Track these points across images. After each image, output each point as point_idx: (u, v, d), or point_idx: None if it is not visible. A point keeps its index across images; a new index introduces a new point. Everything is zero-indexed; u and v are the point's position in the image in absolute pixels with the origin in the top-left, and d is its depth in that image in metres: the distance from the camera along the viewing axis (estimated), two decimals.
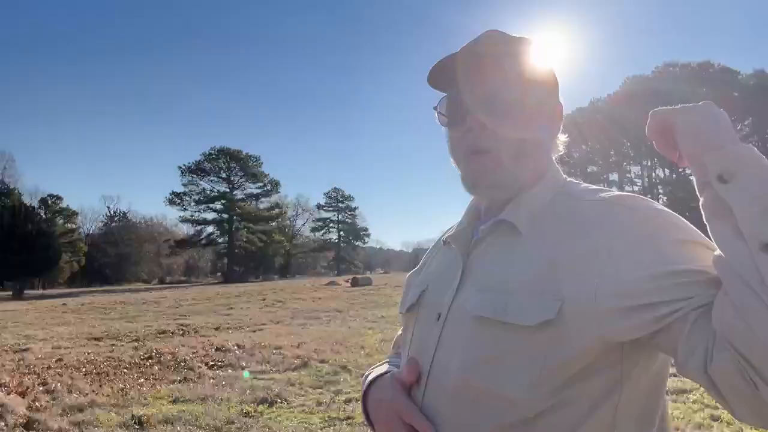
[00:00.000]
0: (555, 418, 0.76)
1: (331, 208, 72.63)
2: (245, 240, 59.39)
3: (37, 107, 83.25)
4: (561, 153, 0.97)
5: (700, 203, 0.73)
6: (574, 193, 0.88)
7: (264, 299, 20.11)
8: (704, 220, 0.73)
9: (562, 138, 0.96)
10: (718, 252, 0.70)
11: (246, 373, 6.82)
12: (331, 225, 74.02)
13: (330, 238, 74.55)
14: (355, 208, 74.95)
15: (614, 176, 60.54)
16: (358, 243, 76.77)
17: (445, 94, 0.94)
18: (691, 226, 0.79)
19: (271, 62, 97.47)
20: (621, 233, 0.76)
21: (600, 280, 0.74)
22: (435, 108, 0.94)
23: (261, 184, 62.32)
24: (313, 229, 73.50)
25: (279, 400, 5.40)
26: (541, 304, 0.76)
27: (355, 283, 28.70)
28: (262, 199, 63.20)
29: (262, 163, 61.87)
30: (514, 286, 0.80)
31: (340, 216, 73.93)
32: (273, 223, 62.76)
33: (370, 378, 0.98)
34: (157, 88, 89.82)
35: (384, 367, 1.00)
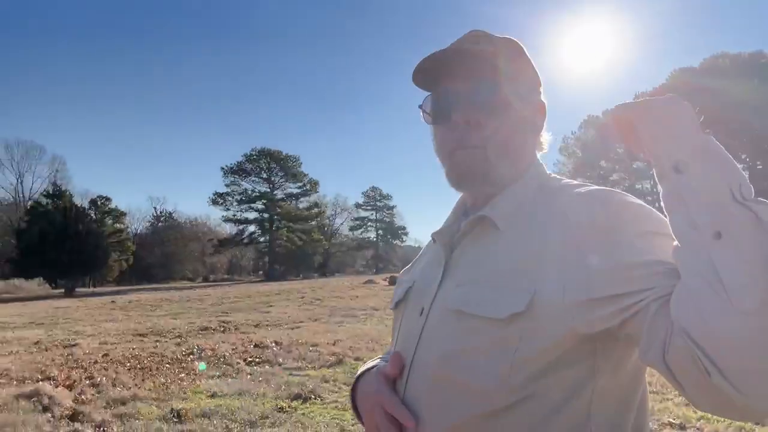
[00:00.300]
0: (528, 408, 0.77)
1: (369, 207, 72.98)
2: (285, 239, 60.30)
3: (86, 112, 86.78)
4: (545, 151, 0.99)
5: (660, 195, 0.73)
6: (554, 188, 0.90)
7: (303, 297, 20.38)
8: (665, 211, 0.73)
9: (546, 136, 0.98)
10: (676, 242, 0.70)
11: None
12: (369, 224, 74.34)
13: (368, 237, 74.92)
14: (393, 207, 75.06)
15: None
16: (396, 242, 76.85)
17: (429, 93, 0.95)
18: (662, 217, 0.77)
19: (310, 64, 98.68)
20: (590, 226, 0.78)
21: (568, 272, 0.76)
22: (420, 107, 0.96)
23: (300, 184, 63.18)
24: (352, 228, 74.02)
25: (313, 397, 5.46)
26: (512, 297, 0.78)
27: (392, 281, 28.77)
28: (302, 199, 64.10)
29: (301, 163, 62.73)
30: (489, 280, 0.82)
31: (378, 215, 74.17)
32: (312, 222, 63.51)
33: (359, 372, 1.01)
34: (200, 91, 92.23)
35: (374, 362, 1.02)
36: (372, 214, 72.77)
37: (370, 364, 1.02)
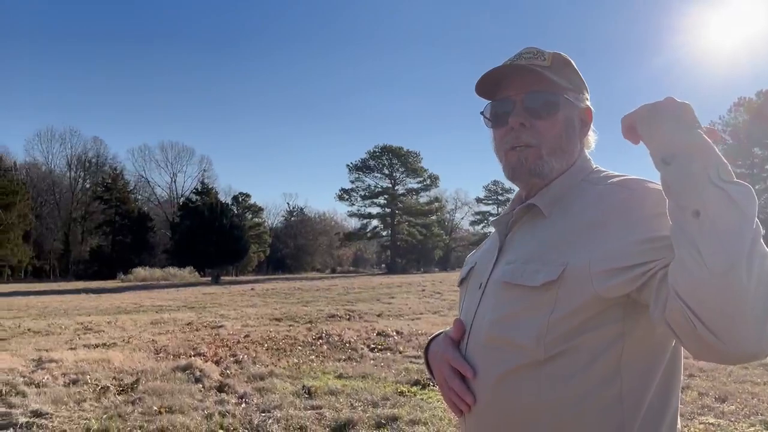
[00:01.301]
0: (562, 362, 0.94)
1: (490, 201, 71.53)
2: (406, 233, 61.31)
3: (229, 116, 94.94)
4: (592, 148, 1.14)
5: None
6: (594, 179, 1.06)
7: (423, 290, 20.71)
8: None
9: (593, 136, 1.14)
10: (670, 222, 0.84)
11: None
12: (490, 218, 72.91)
13: (489, 232, 73.28)
14: None
15: None
16: None
17: (489, 101, 1.12)
18: None
19: (429, 60, 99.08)
20: (615, 209, 0.94)
21: (594, 247, 0.92)
22: (481, 113, 1.13)
23: (421, 179, 63.76)
24: (472, 223, 73.17)
25: (431, 384, 5.64)
26: (548, 269, 0.95)
27: None
28: (422, 194, 64.62)
29: (422, 158, 63.25)
30: (532, 257, 1.00)
31: (499, 209, 72.52)
32: (432, 217, 63.84)
33: (430, 337, 1.21)
34: (328, 92, 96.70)
35: (443, 330, 1.21)
36: (493, 208, 71.27)
37: (439, 330, 1.21)
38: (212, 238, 40.99)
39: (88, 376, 6.03)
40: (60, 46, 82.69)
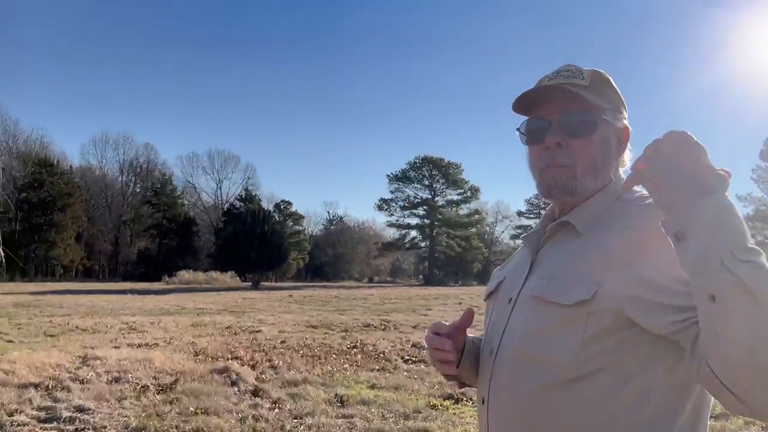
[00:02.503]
0: (593, 382, 0.93)
1: (532, 215, 70.31)
2: (445, 245, 60.95)
3: (274, 124, 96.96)
4: (626, 167, 1.12)
5: None
6: (629, 200, 1.05)
7: (460, 303, 20.50)
8: None
9: (628, 155, 1.13)
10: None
11: None
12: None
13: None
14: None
15: None
16: None
17: (526, 118, 1.11)
18: None
19: (472, 71, 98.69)
20: (653, 234, 0.90)
21: (632, 270, 0.91)
22: (518, 129, 1.13)
23: (461, 191, 63.36)
24: (513, 237, 71.99)
25: (464, 399, 5.57)
26: (582, 288, 0.95)
27: None
28: (462, 206, 64.15)
29: (462, 170, 62.89)
30: (566, 274, 1.00)
31: None
32: (472, 230, 63.26)
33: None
34: (369, 102, 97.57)
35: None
36: (535, 222, 69.85)
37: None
38: (254, 243, 41.82)
39: (130, 375, 6.22)
40: (123, 52, 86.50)
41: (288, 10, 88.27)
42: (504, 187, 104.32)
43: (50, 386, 5.58)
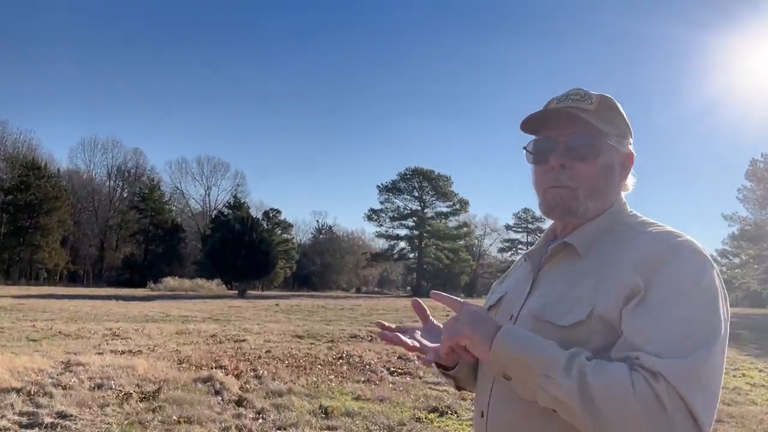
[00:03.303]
0: None
1: (520, 229, 70.71)
2: (433, 256, 61.05)
3: (262, 132, 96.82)
4: (629, 191, 1.17)
5: None
6: (630, 224, 1.10)
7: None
8: None
9: (631, 179, 1.17)
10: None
11: None
12: (519, 246, 71.86)
13: (516, 260, 72.46)
14: (545, 229, 71.82)
15: None
16: None
17: (534, 138, 1.15)
18: (707, 284, 0.97)
19: (465, 85, 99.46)
20: (643, 263, 0.98)
21: (621, 293, 0.96)
22: (525, 148, 1.17)
23: (450, 203, 63.60)
24: (501, 250, 72.34)
25: (449, 412, 5.59)
26: (578, 309, 0.99)
27: None
28: (451, 218, 64.36)
29: (452, 182, 63.21)
30: (564, 295, 1.04)
31: (529, 238, 71.55)
32: (461, 242, 63.43)
33: None
34: (360, 112, 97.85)
35: None
36: (523, 236, 70.41)
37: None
38: (241, 251, 41.54)
39: (113, 382, 6.16)
40: (110, 55, 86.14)
41: (282, 16, 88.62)
42: (492, 200, 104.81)
43: (32, 391, 5.52)
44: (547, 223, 1.22)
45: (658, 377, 0.85)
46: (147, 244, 57.52)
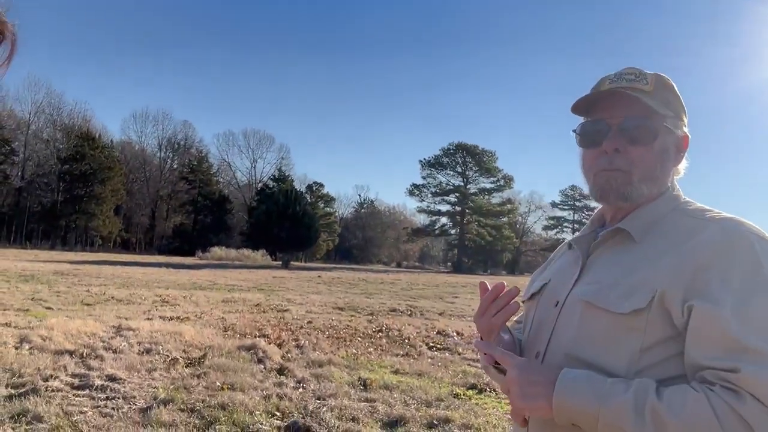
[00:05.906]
0: None
1: (566, 207, 69.21)
2: (475, 233, 60.53)
3: (307, 105, 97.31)
4: (681, 176, 1.11)
5: None
6: (687, 211, 1.03)
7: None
8: None
9: (684, 163, 1.10)
10: None
11: None
12: (565, 224, 70.49)
13: (563, 238, 71.14)
14: (594, 209, 69.85)
15: None
16: None
17: (583, 120, 1.08)
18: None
19: (510, 59, 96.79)
20: (708, 251, 0.91)
21: (684, 282, 0.90)
22: (574, 131, 1.10)
23: (494, 179, 62.73)
24: (546, 228, 71.16)
25: (488, 389, 5.53)
26: (637, 296, 0.93)
27: None
28: (495, 194, 63.55)
29: (497, 158, 62.20)
30: (620, 281, 0.97)
31: (576, 216, 69.92)
32: (504, 219, 62.63)
33: None
34: (404, 88, 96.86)
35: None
36: (569, 214, 68.89)
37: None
38: (285, 223, 42.34)
39: (161, 347, 6.38)
40: (164, 31, 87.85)
41: None
42: (538, 177, 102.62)
43: (84, 354, 5.78)
44: (596, 203, 1.14)
45: (742, 396, 0.78)
46: (196, 215, 59.32)
